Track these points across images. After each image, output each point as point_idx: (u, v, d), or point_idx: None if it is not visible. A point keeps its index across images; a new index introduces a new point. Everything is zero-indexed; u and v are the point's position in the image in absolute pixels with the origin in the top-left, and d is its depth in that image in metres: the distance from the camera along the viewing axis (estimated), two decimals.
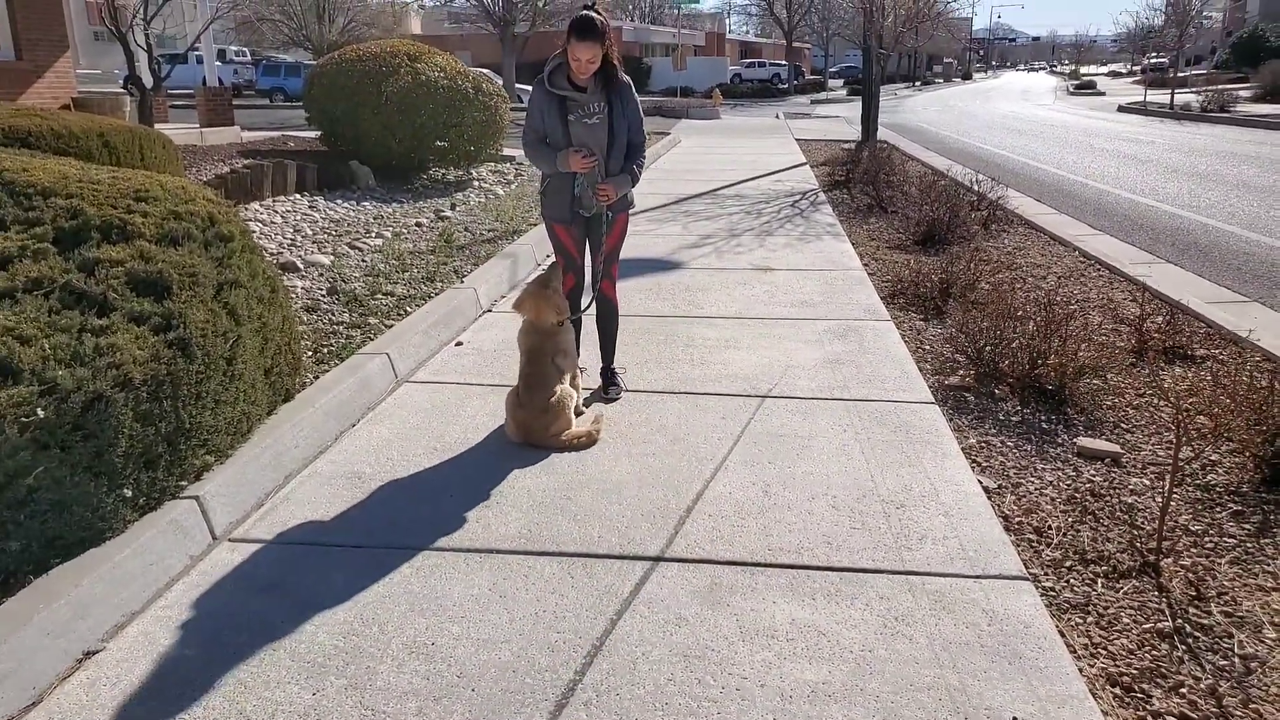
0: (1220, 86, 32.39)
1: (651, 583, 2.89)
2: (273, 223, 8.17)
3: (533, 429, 3.90)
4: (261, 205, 8.80)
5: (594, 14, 3.95)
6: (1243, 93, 30.98)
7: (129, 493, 2.86)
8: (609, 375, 4.58)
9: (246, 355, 3.51)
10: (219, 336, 3.30)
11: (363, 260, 7.03)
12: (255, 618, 2.70)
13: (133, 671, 2.47)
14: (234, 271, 3.59)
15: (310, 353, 4.84)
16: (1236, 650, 2.64)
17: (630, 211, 4.46)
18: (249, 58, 42.29)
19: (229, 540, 3.15)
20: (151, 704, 2.35)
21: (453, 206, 9.89)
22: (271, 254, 6.97)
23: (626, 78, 4.20)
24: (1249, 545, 3.22)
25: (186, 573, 2.94)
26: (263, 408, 3.75)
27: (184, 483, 3.13)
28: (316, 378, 4.40)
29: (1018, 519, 3.40)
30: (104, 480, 2.77)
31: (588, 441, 3.95)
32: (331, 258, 7.02)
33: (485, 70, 19.00)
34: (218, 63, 33.40)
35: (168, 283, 3.20)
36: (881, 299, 6.34)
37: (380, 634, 2.63)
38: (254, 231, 7.54)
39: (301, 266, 6.65)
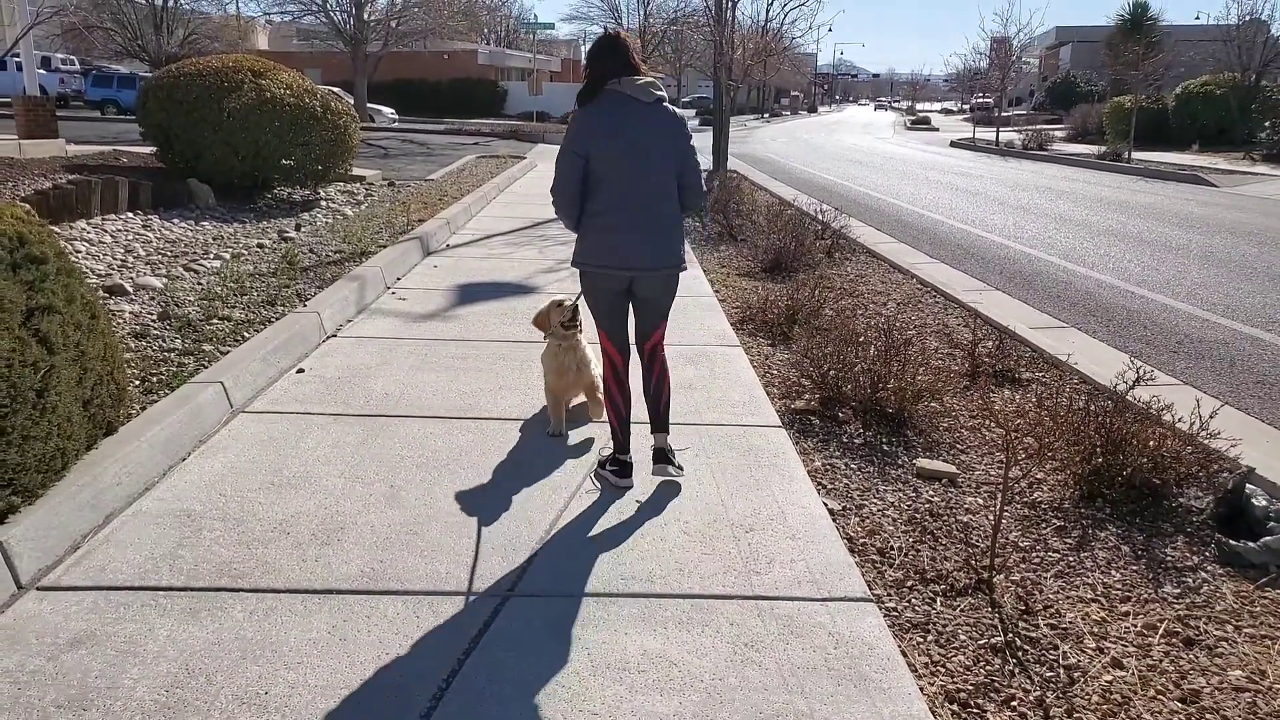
0: (1039, 126, 35.13)
1: (501, 619, 2.82)
2: (101, 243, 7.62)
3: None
4: (89, 224, 8.20)
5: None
6: (1057, 132, 33.65)
7: None
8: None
9: (61, 386, 3.24)
10: (27, 367, 3.03)
11: (199, 283, 6.64)
12: (64, 675, 2.46)
13: None
14: (47, 296, 3.31)
15: (138, 382, 4.52)
16: (1061, 661, 2.80)
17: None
18: (78, 67, 39.68)
19: (37, 589, 2.87)
20: None
21: (298, 227, 9.51)
22: (99, 276, 6.49)
23: None
24: (1070, 559, 3.43)
25: None
26: (81, 442, 3.47)
27: None
28: (144, 409, 4.11)
29: (861, 540, 3.50)
30: None
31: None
32: (165, 280, 6.60)
33: (335, 88, 18.48)
34: (42, 71, 31.21)
35: None
36: (731, 325, 6.47)
37: (208, 685, 2.45)
38: (79, 252, 7.06)
39: (131, 290, 6.22)
